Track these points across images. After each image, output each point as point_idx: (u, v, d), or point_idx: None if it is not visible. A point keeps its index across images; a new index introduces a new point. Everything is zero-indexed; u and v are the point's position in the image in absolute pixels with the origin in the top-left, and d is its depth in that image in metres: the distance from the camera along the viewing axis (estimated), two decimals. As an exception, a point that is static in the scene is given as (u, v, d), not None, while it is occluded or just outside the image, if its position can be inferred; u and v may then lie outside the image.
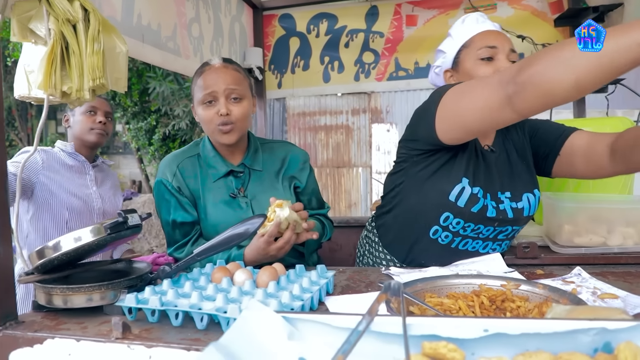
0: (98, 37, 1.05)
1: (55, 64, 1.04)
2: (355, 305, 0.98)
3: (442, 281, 1.11)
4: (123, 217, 1.00)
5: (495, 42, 1.20)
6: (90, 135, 1.83)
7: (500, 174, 1.19)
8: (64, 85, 1.06)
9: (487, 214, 1.14)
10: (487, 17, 1.34)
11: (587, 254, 1.27)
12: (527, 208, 1.20)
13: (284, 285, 0.98)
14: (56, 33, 1.04)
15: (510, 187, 1.19)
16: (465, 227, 1.18)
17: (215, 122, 1.28)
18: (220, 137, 1.30)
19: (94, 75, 1.04)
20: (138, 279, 1.00)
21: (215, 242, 0.99)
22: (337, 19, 2.57)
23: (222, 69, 1.30)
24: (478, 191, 1.13)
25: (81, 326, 0.91)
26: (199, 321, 0.85)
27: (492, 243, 1.24)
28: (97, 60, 1.05)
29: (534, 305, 1.01)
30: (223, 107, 1.27)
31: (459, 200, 1.12)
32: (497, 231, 1.21)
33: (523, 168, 1.23)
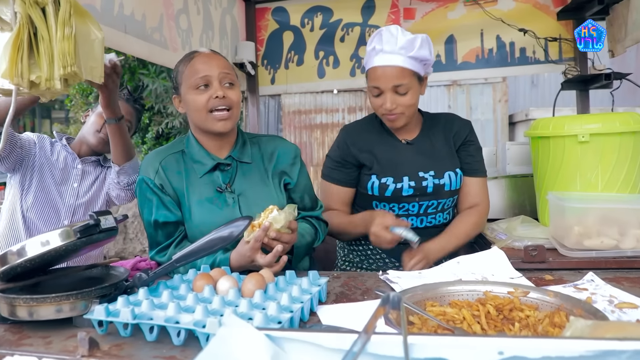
0: (69, 21, 0.96)
1: (22, 51, 0.94)
2: (350, 316, 0.90)
3: (444, 288, 1.02)
4: (95, 219, 0.91)
5: (379, 81, 1.37)
6: (92, 137, 1.66)
7: (422, 158, 1.47)
8: (32, 74, 0.96)
9: (403, 194, 1.44)
10: (398, 35, 1.35)
11: (599, 258, 1.19)
12: (449, 184, 1.45)
13: (272, 294, 0.90)
14: (23, 17, 0.94)
15: (433, 167, 1.46)
16: (392, 208, 1.48)
17: (210, 106, 1.21)
18: (215, 124, 1.22)
19: (64, 62, 0.95)
20: (112, 287, 0.91)
21: (196, 247, 0.90)
22: (333, 13, 2.48)
23: (213, 55, 1.26)
24: (386, 180, 1.45)
25: (46, 341, 0.82)
26: (175, 336, 0.76)
27: (425, 218, 1.48)
28: (68, 46, 0.96)
29: (545, 315, 0.92)
30: (219, 89, 1.20)
31: (374, 190, 1.46)
32: (424, 205, 1.46)
33: (447, 152, 1.49)
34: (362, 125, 1.55)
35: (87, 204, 1.66)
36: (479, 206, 1.48)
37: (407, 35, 1.35)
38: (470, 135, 1.51)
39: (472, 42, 2.35)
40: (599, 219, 1.23)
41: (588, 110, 2.23)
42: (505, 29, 2.27)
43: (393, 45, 1.34)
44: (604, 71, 2.03)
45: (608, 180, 1.40)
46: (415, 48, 1.33)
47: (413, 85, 1.37)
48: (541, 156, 1.56)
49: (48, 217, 1.60)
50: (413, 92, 1.38)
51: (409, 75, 1.35)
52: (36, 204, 1.59)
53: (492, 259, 1.19)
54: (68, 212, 1.63)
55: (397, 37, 1.34)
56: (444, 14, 2.34)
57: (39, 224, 1.59)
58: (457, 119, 1.54)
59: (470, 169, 1.49)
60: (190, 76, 1.22)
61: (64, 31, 0.96)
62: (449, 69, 2.40)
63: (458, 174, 1.47)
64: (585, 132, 1.40)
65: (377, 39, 1.38)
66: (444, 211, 1.50)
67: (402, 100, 1.37)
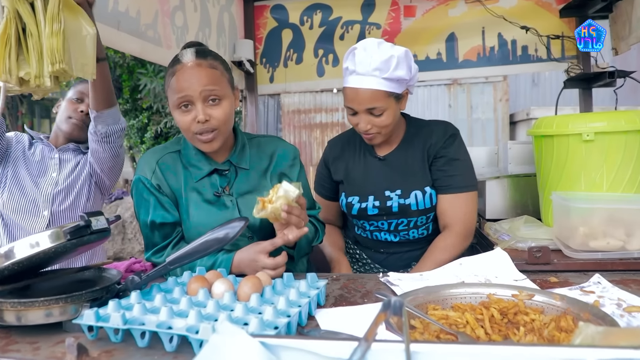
0: (58, 16, 0.93)
1: (10, 47, 0.91)
2: (350, 320, 0.87)
3: (447, 291, 0.99)
4: (85, 220, 0.88)
5: (352, 103, 1.32)
6: (65, 124, 1.61)
7: (391, 176, 1.42)
8: (20, 71, 0.93)
9: (368, 212, 1.43)
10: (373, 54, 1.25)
11: (605, 260, 1.16)
12: (414, 204, 1.39)
13: (268, 297, 0.87)
14: (10, 11, 0.91)
15: (400, 185, 1.41)
16: (363, 225, 1.48)
17: (193, 129, 1.14)
18: (200, 145, 1.19)
19: (52, 59, 0.92)
20: (103, 290, 0.88)
21: (191, 249, 0.87)
22: (332, 10, 2.45)
23: (196, 68, 1.13)
24: (352, 199, 1.44)
25: (33, 347, 0.79)
26: (167, 342, 0.73)
27: (398, 234, 1.46)
28: (57, 42, 0.93)
29: (551, 319, 0.89)
30: (200, 113, 1.12)
31: (343, 207, 1.49)
32: (393, 223, 1.43)
33: (419, 167, 1.41)
34: (343, 139, 1.53)
35: (67, 189, 1.60)
36: (450, 228, 1.37)
37: (383, 54, 1.24)
38: (447, 146, 1.38)
39: (473, 40, 2.33)
40: (605, 219, 1.20)
41: (591, 109, 2.21)
42: (507, 27, 2.24)
43: (367, 66, 1.24)
44: (608, 69, 2.00)
45: (613, 180, 1.37)
46: (390, 69, 1.24)
47: (389, 105, 1.29)
48: (544, 155, 1.52)
49: (25, 210, 1.56)
50: (389, 112, 1.30)
51: (384, 97, 1.27)
52: (11, 199, 1.56)
53: (496, 260, 1.16)
54: (46, 202, 1.57)
55: (371, 56, 1.24)
56: (445, 11, 2.32)
57: (16, 218, 1.55)
58: (438, 129, 1.42)
59: (440, 185, 1.39)
60: (173, 94, 1.15)
61: (53, 27, 0.93)
62: (449, 67, 2.37)
63: (427, 193, 1.39)
64: (590, 131, 1.37)
65: (350, 58, 1.29)
66: (417, 228, 1.44)
67: (377, 121, 1.30)
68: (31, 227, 1.54)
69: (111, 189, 1.74)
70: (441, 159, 1.39)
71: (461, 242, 1.38)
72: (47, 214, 1.56)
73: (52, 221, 1.57)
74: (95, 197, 1.67)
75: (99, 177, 1.65)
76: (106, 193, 1.74)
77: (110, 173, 1.64)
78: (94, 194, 1.66)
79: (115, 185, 1.74)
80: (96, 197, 1.68)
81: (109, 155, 1.57)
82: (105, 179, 1.66)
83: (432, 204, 1.41)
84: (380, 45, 1.28)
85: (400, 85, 1.30)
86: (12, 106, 8.61)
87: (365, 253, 1.53)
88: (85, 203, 1.63)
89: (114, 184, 1.72)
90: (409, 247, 1.47)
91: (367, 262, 1.53)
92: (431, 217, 1.44)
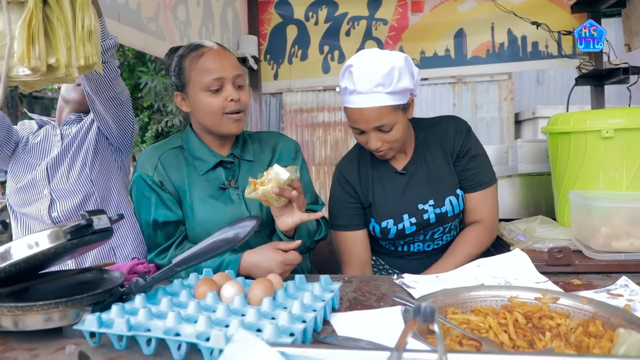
0: (88, 9, 0.88)
1: (38, 31, 0.85)
2: (367, 325, 0.82)
3: (466, 294, 0.95)
4: (87, 219, 0.83)
5: (358, 124, 1.22)
6: (73, 92, 1.47)
7: (418, 188, 1.34)
8: (50, 58, 0.87)
9: (406, 232, 1.34)
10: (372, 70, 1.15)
11: (629, 261, 1.12)
12: (451, 210, 1.33)
13: (281, 301, 0.82)
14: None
15: (431, 194, 1.34)
16: (397, 243, 1.39)
17: (226, 108, 1.15)
18: (229, 126, 1.17)
19: (85, 53, 0.88)
20: (106, 293, 0.83)
21: (199, 250, 0.82)
22: (338, 6, 2.40)
23: (225, 53, 1.19)
24: (387, 223, 1.34)
25: (32, 354, 0.74)
26: (175, 350, 0.68)
27: (432, 243, 1.39)
28: (90, 35, 0.89)
29: (578, 324, 0.85)
30: (234, 92, 1.15)
31: (376, 233, 1.37)
32: (429, 234, 1.37)
33: (445, 172, 1.34)
34: (355, 160, 1.39)
35: (70, 160, 1.44)
36: (480, 222, 1.33)
37: (383, 67, 1.14)
38: (466, 143, 1.33)
39: (482, 36, 2.28)
40: (629, 219, 1.15)
41: (603, 106, 2.16)
42: (517, 23, 2.19)
43: (367, 83, 1.14)
44: (621, 65, 1.95)
45: (634, 178, 1.32)
46: (394, 82, 1.15)
47: (397, 119, 1.20)
48: (560, 153, 1.48)
49: (27, 196, 1.43)
50: (398, 125, 1.21)
51: (390, 111, 1.17)
52: (16, 190, 1.46)
53: (515, 261, 1.11)
54: (44, 179, 1.43)
55: (370, 71, 1.14)
56: (454, 6, 2.27)
57: (22, 208, 1.44)
58: (452, 127, 1.34)
59: (467, 185, 1.34)
60: (202, 76, 1.14)
61: (84, 21, 0.89)
62: (458, 64, 2.32)
63: (459, 196, 1.34)
64: (610, 127, 1.32)
65: (347, 77, 1.18)
66: (450, 231, 1.40)
67: (388, 137, 1.22)
68: (36, 211, 1.43)
69: (123, 137, 1.51)
70: (464, 158, 1.33)
71: (492, 237, 1.37)
72: (47, 192, 1.43)
73: (54, 200, 1.43)
74: (103, 163, 1.48)
75: (103, 120, 1.43)
76: (116, 143, 1.51)
77: (113, 105, 1.40)
78: (101, 157, 1.47)
79: (128, 133, 1.50)
80: (105, 161, 1.49)
81: (106, 80, 1.33)
82: (110, 122, 1.43)
83: (464, 204, 1.36)
84: (376, 56, 1.17)
85: (405, 95, 1.20)
86: (11, 105, 8.56)
87: (382, 259, 1.46)
88: (89, 174, 1.44)
89: (126, 129, 1.48)
90: (435, 251, 1.40)
91: (384, 268, 1.46)
92: (461, 217, 1.40)
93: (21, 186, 1.45)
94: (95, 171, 1.47)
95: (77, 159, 1.46)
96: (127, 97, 1.42)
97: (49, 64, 0.83)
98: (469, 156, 1.33)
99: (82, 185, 1.45)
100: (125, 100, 1.41)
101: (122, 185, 1.55)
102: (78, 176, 1.45)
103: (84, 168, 1.45)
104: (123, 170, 1.57)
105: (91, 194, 1.44)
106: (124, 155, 1.56)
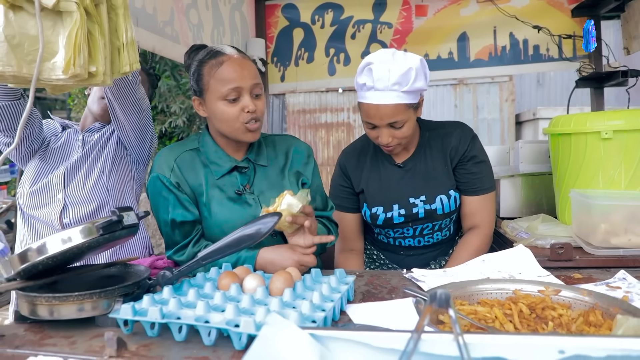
0: (129, 20, 0.95)
1: (82, 42, 0.91)
2: (381, 315, 0.87)
3: (473, 287, 1.00)
4: (118, 215, 0.89)
5: (373, 119, 1.29)
6: (96, 105, 1.51)
7: (413, 183, 1.42)
8: (91, 66, 0.93)
9: (394, 221, 1.42)
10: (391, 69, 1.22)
11: (627, 256, 1.17)
12: (440, 208, 1.40)
13: (300, 292, 0.87)
14: (81, 6, 0.91)
15: (424, 191, 1.41)
16: (387, 232, 1.47)
17: (242, 119, 1.17)
18: (245, 135, 1.20)
19: (130, 60, 0.94)
20: (135, 285, 0.88)
21: (223, 244, 0.88)
22: (343, 9, 2.46)
23: (244, 62, 1.19)
24: (376, 210, 1.43)
25: (69, 341, 0.79)
26: (206, 336, 0.73)
27: (422, 238, 1.46)
28: (133, 44, 0.96)
29: (578, 314, 0.90)
30: (251, 103, 1.17)
31: (367, 218, 1.47)
32: (418, 228, 1.44)
33: (442, 172, 1.41)
34: (358, 148, 1.50)
35: (89, 167, 1.47)
36: (479, 228, 1.39)
37: (401, 67, 1.22)
38: (470, 149, 1.39)
39: (485, 40, 2.33)
40: (627, 216, 1.20)
41: (602, 108, 2.21)
42: (518, 26, 2.25)
43: (385, 81, 1.22)
44: (620, 68, 2.01)
45: (632, 178, 1.37)
46: (410, 82, 1.22)
47: (409, 117, 1.29)
48: (561, 153, 1.53)
49: (40, 198, 1.44)
50: (409, 123, 1.30)
51: (404, 109, 1.26)
52: (28, 192, 1.46)
53: (518, 257, 1.16)
54: (59, 184, 1.45)
55: (389, 70, 1.22)
56: (457, 10, 2.32)
57: (33, 211, 1.44)
58: (457, 131, 1.41)
59: (469, 188, 1.40)
60: (220, 85, 1.16)
61: (128, 31, 0.95)
62: (461, 67, 2.38)
63: (452, 197, 1.39)
64: (609, 129, 1.37)
65: (366, 74, 1.26)
66: (441, 230, 1.45)
67: (398, 133, 1.30)
68: (46, 215, 1.44)
69: (141, 147, 1.52)
70: (468, 162, 1.39)
71: (489, 243, 1.41)
72: (62, 196, 1.45)
73: (67, 205, 1.44)
74: (120, 173, 1.51)
75: (123, 128, 1.46)
76: (134, 153, 1.53)
77: (133, 112, 1.43)
78: (118, 167, 1.49)
79: (146, 143, 1.52)
80: (122, 171, 1.51)
81: (128, 84, 1.38)
82: (129, 129, 1.46)
83: (456, 206, 1.41)
84: (394, 56, 1.25)
85: (417, 95, 1.29)
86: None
87: (382, 254, 1.54)
88: (105, 183, 1.47)
89: (144, 138, 1.50)
90: (429, 249, 1.47)
91: (384, 263, 1.53)
92: (454, 219, 1.45)
93: (35, 189, 1.46)
94: (111, 180, 1.49)
95: (95, 167, 1.48)
96: (147, 106, 1.46)
97: (89, 71, 0.89)
98: (473, 161, 1.39)
99: (98, 193, 1.47)
100: (145, 108, 1.44)
101: (134, 198, 1.57)
102: (94, 184, 1.47)
103: (101, 176, 1.47)
104: (138, 183, 1.60)
105: (105, 203, 1.46)
106: (141, 169, 1.58)
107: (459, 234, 1.52)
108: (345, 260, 1.47)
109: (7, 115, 1.37)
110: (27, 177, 1.50)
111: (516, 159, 2.06)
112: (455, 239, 1.52)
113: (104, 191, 1.47)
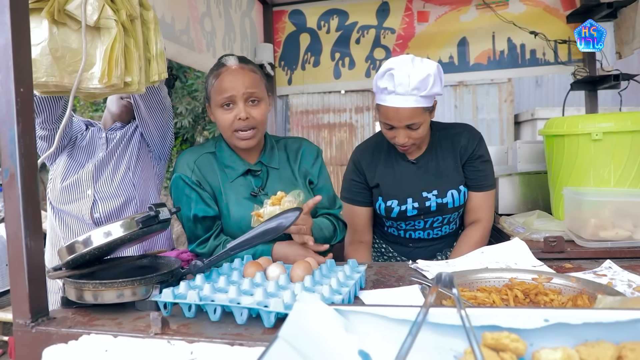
0: (159, 34, 1.05)
1: (119, 55, 1.02)
2: (391, 300, 0.97)
3: (473, 275, 1.10)
4: (154, 210, 0.99)
5: (392, 121, 1.39)
6: (115, 105, 1.57)
7: (426, 178, 1.53)
8: (127, 77, 1.04)
9: (407, 214, 1.53)
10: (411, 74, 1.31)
11: (614, 248, 1.27)
12: (451, 202, 1.51)
13: (318, 279, 0.97)
14: (119, 23, 1.02)
15: (436, 185, 1.51)
16: (399, 225, 1.58)
17: (235, 126, 1.26)
18: (238, 142, 1.29)
19: (159, 70, 1.04)
20: (169, 274, 0.98)
21: (250, 236, 0.98)
22: (348, 15, 2.56)
23: (240, 71, 1.27)
24: (391, 203, 1.53)
25: (115, 322, 0.89)
26: (238, 316, 0.83)
27: (432, 231, 1.57)
28: (162, 55, 1.06)
29: (568, 299, 1.00)
30: (242, 111, 1.24)
31: (381, 211, 1.56)
32: (429, 221, 1.54)
33: (452, 168, 1.52)
34: (372, 145, 1.60)
35: (115, 164, 1.54)
36: (481, 222, 1.52)
37: (420, 73, 1.32)
38: (478, 149, 1.51)
39: (484, 44, 2.43)
40: (614, 211, 1.31)
41: (596, 109, 2.31)
42: (516, 32, 2.34)
43: (406, 86, 1.32)
44: (613, 72, 2.11)
45: (620, 176, 1.47)
46: (428, 87, 1.32)
47: (425, 119, 1.40)
48: (555, 154, 1.63)
49: (70, 194, 1.51)
50: (425, 124, 1.41)
51: (421, 112, 1.37)
52: (60, 189, 1.52)
53: (515, 249, 1.26)
54: (89, 180, 1.53)
55: (409, 76, 1.31)
56: (457, 17, 2.42)
57: (64, 205, 1.50)
58: (466, 132, 1.54)
59: (475, 184, 1.52)
60: (217, 94, 1.27)
61: (158, 44, 1.06)
62: (461, 70, 2.47)
63: (461, 192, 1.51)
64: (599, 131, 1.47)
65: (388, 78, 1.35)
66: (449, 223, 1.57)
67: (414, 134, 1.41)
68: (77, 210, 1.51)
69: (163, 144, 1.59)
70: (476, 160, 1.51)
71: (488, 236, 1.54)
72: (91, 192, 1.53)
73: (96, 200, 1.51)
74: (144, 168, 1.59)
75: (147, 126, 1.53)
76: (156, 149, 1.61)
77: (157, 109, 1.52)
78: (142, 163, 1.57)
79: (168, 139, 1.60)
80: (146, 167, 1.60)
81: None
82: (153, 126, 1.53)
83: (465, 200, 1.53)
84: (414, 62, 1.34)
85: (432, 98, 1.40)
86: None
87: (391, 247, 1.64)
88: (132, 178, 1.54)
89: (166, 135, 1.57)
90: (436, 241, 1.59)
91: (393, 255, 1.63)
92: (460, 213, 1.58)
93: (66, 185, 1.54)
94: (137, 176, 1.58)
95: (121, 163, 1.57)
96: (169, 104, 1.55)
97: (125, 81, 0.99)
98: (480, 160, 1.52)
99: (125, 188, 1.56)
100: (168, 106, 1.54)
101: (157, 192, 1.67)
102: (122, 179, 1.56)
103: (128, 172, 1.56)
104: (159, 177, 1.69)
105: (132, 197, 1.55)
106: (162, 164, 1.67)
107: (462, 228, 1.62)
108: (354, 252, 1.57)
109: (46, 107, 1.44)
110: (57, 174, 1.59)
111: (514, 159, 2.16)
112: (458, 232, 1.62)
113: (131, 186, 1.56)
